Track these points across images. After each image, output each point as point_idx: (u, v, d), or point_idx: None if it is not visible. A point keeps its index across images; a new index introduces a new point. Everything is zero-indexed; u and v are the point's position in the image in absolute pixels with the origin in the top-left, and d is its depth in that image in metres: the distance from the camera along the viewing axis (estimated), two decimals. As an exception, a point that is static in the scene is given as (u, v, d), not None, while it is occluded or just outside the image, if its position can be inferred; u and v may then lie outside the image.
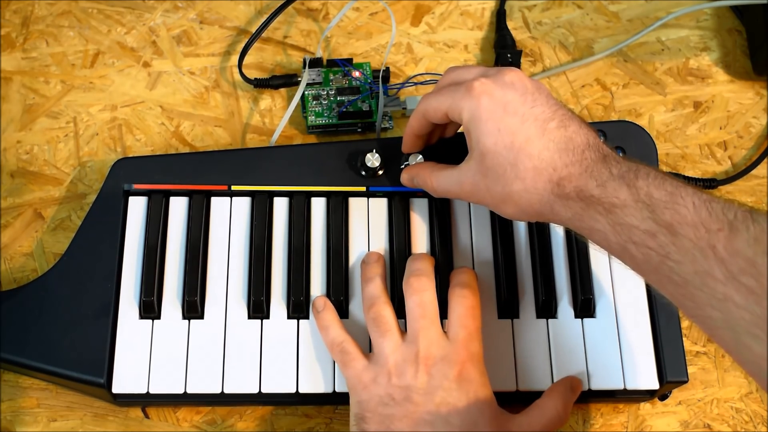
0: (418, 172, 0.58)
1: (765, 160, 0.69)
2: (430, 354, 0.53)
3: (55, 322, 0.57)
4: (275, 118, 0.69)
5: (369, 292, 0.57)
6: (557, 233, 0.61)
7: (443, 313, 0.56)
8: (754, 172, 0.68)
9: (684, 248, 0.43)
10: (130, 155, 0.67)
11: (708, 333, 0.44)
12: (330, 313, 0.57)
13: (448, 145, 0.60)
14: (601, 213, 0.47)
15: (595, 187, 0.47)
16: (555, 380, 0.57)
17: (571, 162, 0.49)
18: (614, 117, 0.70)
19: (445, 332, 0.54)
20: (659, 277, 0.45)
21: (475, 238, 0.61)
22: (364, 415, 0.52)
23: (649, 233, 0.45)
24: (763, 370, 0.40)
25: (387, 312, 0.55)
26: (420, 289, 0.55)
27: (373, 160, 0.60)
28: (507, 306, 0.59)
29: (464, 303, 0.55)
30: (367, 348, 0.57)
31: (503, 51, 0.71)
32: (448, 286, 0.57)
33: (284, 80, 0.69)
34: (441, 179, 0.56)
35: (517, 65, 0.70)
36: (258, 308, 0.58)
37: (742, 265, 0.40)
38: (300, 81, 0.68)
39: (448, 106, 0.53)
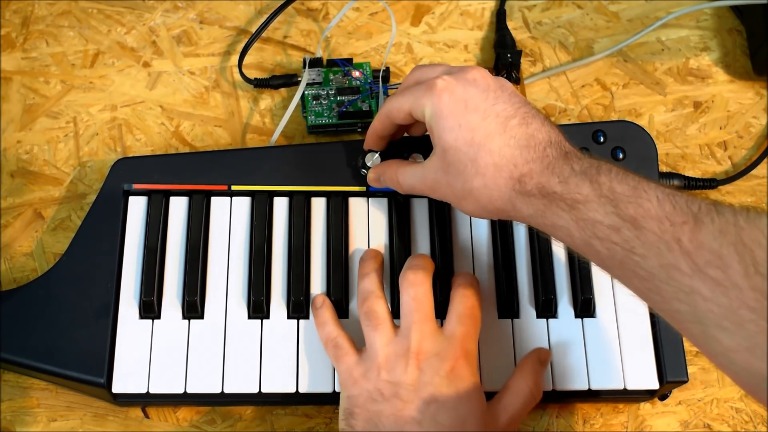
0: (385, 170, 0.58)
1: (765, 160, 0.69)
2: (422, 348, 0.52)
3: (55, 322, 0.57)
4: (275, 118, 0.69)
5: (363, 286, 0.57)
6: (557, 233, 0.61)
7: (441, 313, 0.56)
8: (754, 172, 0.68)
9: (649, 242, 0.43)
10: (130, 155, 0.67)
11: (676, 327, 0.44)
12: (327, 311, 0.57)
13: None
14: (563, 209, 0.47)
15: (557, 183, 0.47)
16: (555, 381, 0.57)
17: (532, 159, 0.49)
18: (614, 117, 0.70)
19: (441, 328, 0.54)
20: (625, 272, 0.45)
21: (475, 238, 0.61)
22: (353, 410, 0.52)
23: (613, 228, 0.44)
24: (733, 363, 0.40)
25: (380, 306, 0.55)
26: (416, 283, 0.55)
27: (373, 160, 0.60)
28: (507, 306, 0.59)
29: (466, 302, 0.55)
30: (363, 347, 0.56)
31: (503, 51, 0.70)
32: (447, 287, 0.57)
33: (284, 80, 0.69)
34: (406, 175, 0.56)
35: (517, 65, 0.70)
36: (258, 308, 0.58)
37: (708, 257, 0.40)
38: (300, 81, 0.68)
39: (410, 105, 0.53)
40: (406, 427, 0.50)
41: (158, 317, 0.58)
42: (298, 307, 0.58)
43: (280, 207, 0.61)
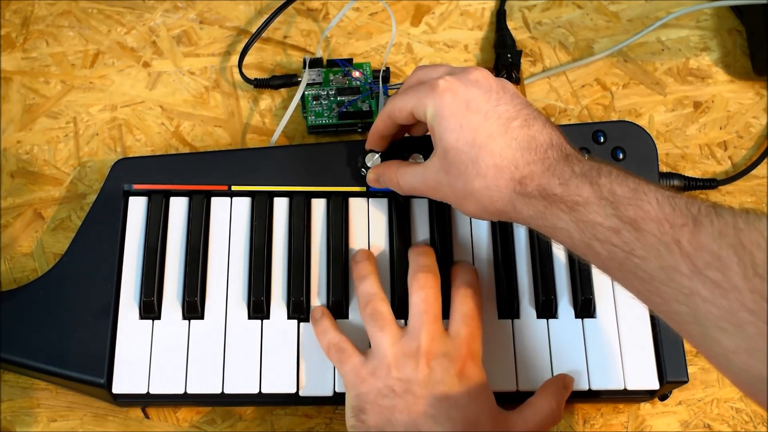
0: (384, 171, 0.58)
1: (765, 160, 0.69)
2: (431, 349, 0.53)
3: (55, 323, 0.57)
4: (275, 118, 0.69)
5: (364, 289, 0.57)
6: (557, 233, 0.61)
7: (444, 310, 0.56)
8: (754, 172, 0.68)
9: (648, 244, 0.43)
10: (130, 155, 0.67)
11: (676, 329, 0.44)
12: (327, 320, 0.57)
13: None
14: (564, 211, 0.47)
15: (558, 185, 0.47)
16: (554, 380, 0.57)
17: (533, 160, 0.49)
18: (614, 117, 0.70)
19: (446, 330, 0.54)
20: (625, 274, 0.45)
21: (475, 238, 0.61)
22: (363, 407, 0.52)
23: (613, 230, 0.45)
24: (733, 364, 0.40)
25: (384, 307, 0.55)
26: (426, 285, 0.55)
27: (373, 160, 0.60)
28: (507, 306, 0.59)
29: (468, 303, 0.55)
30: (365, 350, 0.56)
31: (503, 51, 0.70)
32: (446, 283, 0.57)
33: (284, 80, 0.69)
34: (406, 176, 0.56)
35: (517, 65, 0.70)
36: (258, 308, 0.58)
37: (707, 259, 0.40)
38: (300, 81, 0.68)
39: (413, 105, 0.53)
40: (420, 422, 0.50)
41: (158, 318, 0.58)
42: (298, 307, 0.58)
43: (280, 207, 0.61)
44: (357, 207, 0.62)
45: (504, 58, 0.70)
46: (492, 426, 0.51)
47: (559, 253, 0.61)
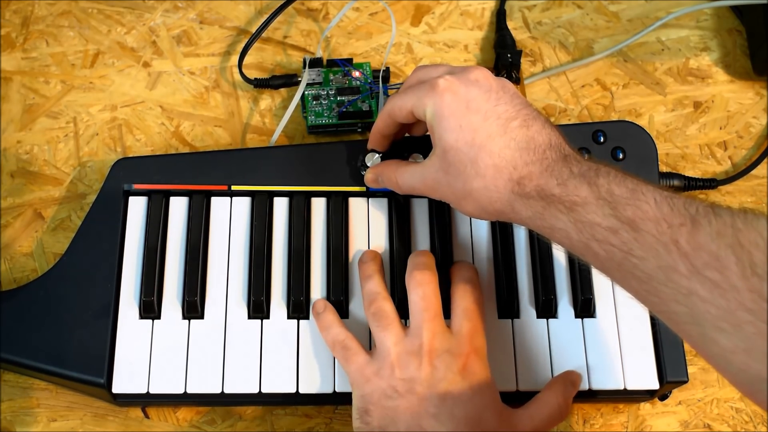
0: (383, 171, 0.58)
1: (765, 160, 0.69)
2: (433, 346, 0.53)
3: (55, 323, 0.57)
4: (275, 118, 0.69)
5: (368, 288, 0.57)
6: (557, 233, 0.61)
7: (445, 310, 0.56)
8: (754, 172, 0.68)
9: (647, 244, 0.43)
10: (130, 155, 0.67)
11: (674, 329, 0.44)
12: (330, 314, 0.57)
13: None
14: (562, 211, 0.47)
15: (556, 185, 0.47)
16: (555, 380, 0.57)
17: (532, 161, 0.49)
18: (614, 117, 0.70)
19: (448, 326, 0.54)
20: (623, 274, 0.45)
21: (475, 238, 0.61)
22: (368, 407, 0.52)
23: (611, 230, 0.45)
24: (731, 364, 0.40)
25: (388, 306, 0.55)
26: (423, 282, 0.55)
27: (373, 160, 0.60)
28: (507, 306, 0.59)
29: (468, 297, 0.56)
30: (369, 347, 0.57)
31: (503, 51, 0.70)
32: (445, 282, 0.57)
33: (284, 80, 0.69)
34: (405, 176, 0.56)
35: (517, 65, 0.70)
36: (258, 308, 0.58)
37: (705, 259, 0.40)
38: (300, 81, 0.68)
39: (413, 104, 0.53)
40: (422, 422, 0.50)
41: (158, 317, 0.58)
42: (298, 307, 0.58)
43: (280, 207, 0.61)
44: (357, 207, 0.62)
45: (504, 58, 0.70)
46: (496, 423, 0.51)
47: (559, 253, 0.61)
